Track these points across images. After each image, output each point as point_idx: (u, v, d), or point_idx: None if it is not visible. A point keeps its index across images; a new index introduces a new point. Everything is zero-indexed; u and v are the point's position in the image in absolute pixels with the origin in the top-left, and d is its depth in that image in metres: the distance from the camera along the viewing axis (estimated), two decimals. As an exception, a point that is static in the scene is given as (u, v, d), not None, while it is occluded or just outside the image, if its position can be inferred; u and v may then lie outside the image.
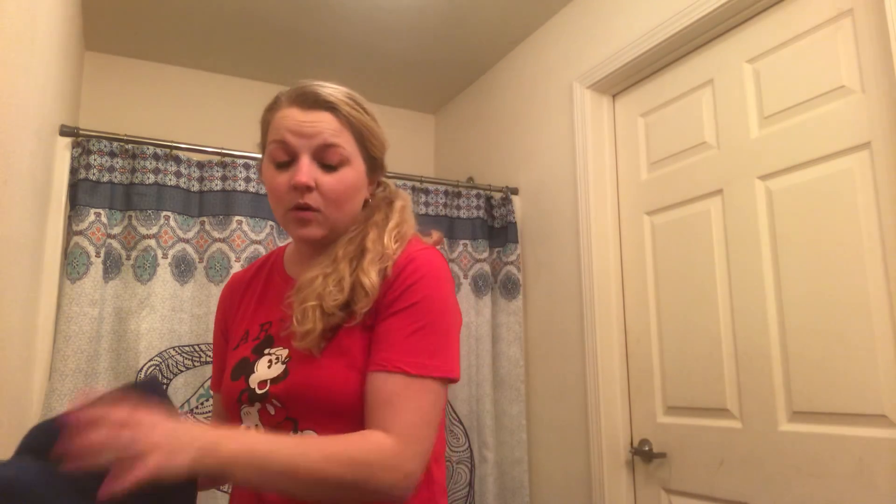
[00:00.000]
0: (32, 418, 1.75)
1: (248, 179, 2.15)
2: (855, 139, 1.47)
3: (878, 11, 1.43)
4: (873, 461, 1.37)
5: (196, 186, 2.11)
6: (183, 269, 2.03)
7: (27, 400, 1.70)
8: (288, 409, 0.88)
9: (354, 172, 0.95)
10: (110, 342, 1.91)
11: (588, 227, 2.13)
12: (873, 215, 1.43)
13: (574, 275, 2.19)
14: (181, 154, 2.10)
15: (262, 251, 2.11)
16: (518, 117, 2.60)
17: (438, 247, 1.00)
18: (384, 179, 1.06)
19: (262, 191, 2.18)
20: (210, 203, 2.11)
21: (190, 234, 2.07)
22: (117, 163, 2.00)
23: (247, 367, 0.94)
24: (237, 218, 2.09)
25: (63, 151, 1.92)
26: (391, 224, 0.96)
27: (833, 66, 1.53)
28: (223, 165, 2.14)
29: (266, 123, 0.98)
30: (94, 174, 1.94)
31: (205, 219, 2.10)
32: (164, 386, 1.94)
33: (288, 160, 0.93)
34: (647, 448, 1.92)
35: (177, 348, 1.97)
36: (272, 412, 0.90)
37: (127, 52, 2.67)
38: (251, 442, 0.79)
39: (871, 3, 1.46)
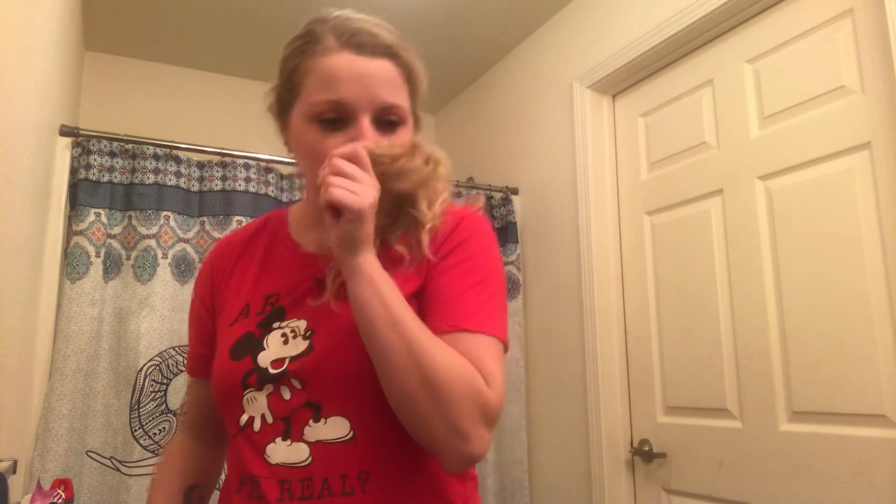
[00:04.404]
0: (32, 418, 1.75)
1: (248, 179, 2.15)
2: (855, 139, 1.47)
3: (878, 11, 1.42)
4: (873, 461, 1.37)
5: (196, 186, 2.11)
6: (183, 269, 2.03)
7: (27, 400, 1.70)
8: (310, 392, 0.75)
9: (408, 131, 0.82)
10: (110, 342, 1.91)
11: (588, 227, 2.13)
12: (873, 215, 1.43)
13: (574, 274, 2.19)
14: (181, 154, 2.10)
15: (262, 251, 2.11)
16: (518, 117, 2.59)
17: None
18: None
19: (262, 191, 2.18)
20: (210, 203, 2.11)
21: (190, 234, 2.07)
22: (117, 163, 2.00)
23: (253, 344, 0.80)
24: (237, 218, 2.09)
25: (63, 151, 1.92)
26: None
27: (833, 66, 1.53)
28: (223, 165, 2.14)
29: (297, 68, 0.80)
30: (94, 174, 1.94)
31: (205, 219, 2.10)
32: (164, 385, 1.94)
33: (339, 121, 0.77)
34: (647, 448, 1.92)
35: (177, 348, 1.97)
36: (287, 396, 0.76)
37: (127, 52, 2.67)
38: (390, 282, 0.70)
39: (871, 3, 1.46)
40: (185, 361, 1.98)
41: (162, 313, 1.96)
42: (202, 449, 0.96)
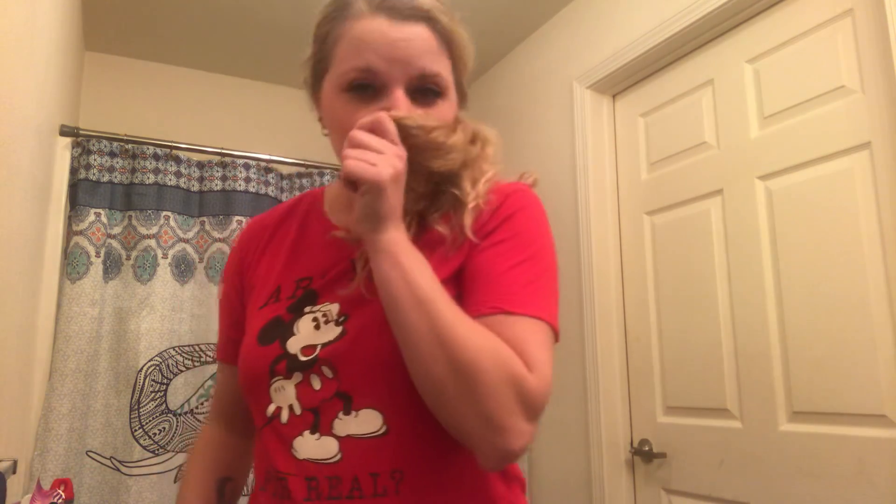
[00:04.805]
0: (33, 418, 1.75)
1: (248, 179, 2.15)
2: (855, 139, 1.47)
3: (878, 11, 1.42)
4: (873, 461, 1.37)
5: (196, 186, 2.12)
6: (183, 269, 2.03)
7: (27, 400, 1.70)
8: (341, 381, 0.69)
9: (450, 105, 0.76)
10: (110, 342, 1.91)
11: (588, 227, 2.13)
12: (873, 215, 1.43)
13: (574, 274, 2.19)
14: (181, 154, 2.10)
15: (262, 251, 2.11)
16: (518, 117, 2.59)
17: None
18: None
19: (262, 191, 2.18)
20: (210, 203, 2.11)
21: (190, 234, 2.07)
22: (117, 163, 2.00)
23: (282, 329, 0.74)
24: (237, 218, 2.10)
25: (63, 151, 1.92)
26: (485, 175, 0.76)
27: (833, 66, 1.53)
28: (223, 165, 2.14)
29: (328, 36, 0.75)
30: (94, 174, 1.94)
31: (205, 219, 2.10)
32: (164, 385, 1.94)
33: (371, 90, 0.71)
34: (647, 448, 1.92)
35: (177, 348, 1.97)
36: (317, 386, 0.70)
37: (127, 52, 2.67)
38: (418, 255, 0.65)
39: (871, 3, 1.46)
40: (186, 361, 1.99)
41: (162, 313, 1.96)
42: (233, 439, 0.91)
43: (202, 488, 0.87)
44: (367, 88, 0.71)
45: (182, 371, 1.97)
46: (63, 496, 1.41)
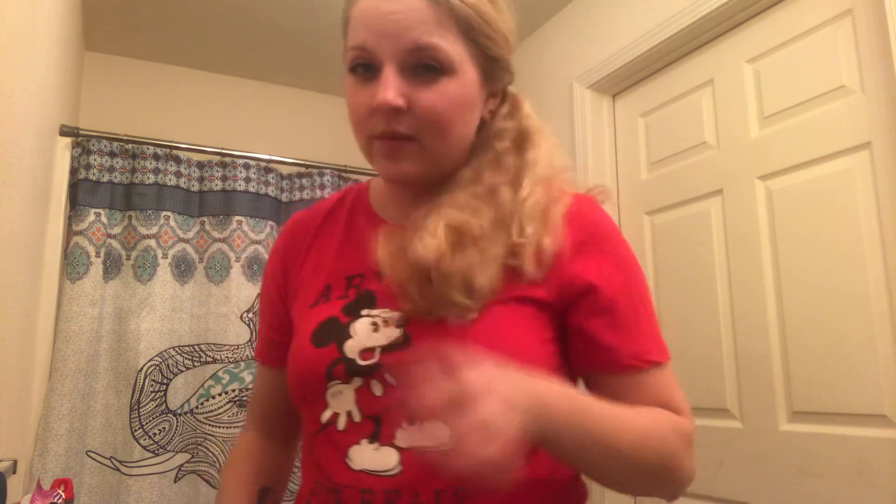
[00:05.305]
0: (33, 418, 1.75)
1: (247, 179, 2.15)
2: (855, 139, 1.47)
3: (878, 11, 1.42)
4: (873, 461, 1.37)
5: (196, 186, 2.12)
6: (183, 269, 2.03)
7: (27, 400, 1.70)
8: (406, 390, 0.64)
9: (460, 83, 0.69)
10: (110, 342, 1.91)
11: (588, 227, 2.13)
12: (873, 215, 1.42)
13: (574, 275, 2.18)
14: (181, 154, 2.10)
15: (263, 251, 2.11)
16: (518, 117, 2.59)
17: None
18: (512, 91, 0.82)
19: (262, 191, 2.18)
20: (210, 203, 2.11)
21: (190, 234, 2.07)
22: (117, 163, 2.00)
23: (338, 331, 0.70)
24: (237, 218, 2.10)
25: (63, 151, 1.92)
26: (536, 195, 0.72)
27: (833, 66, 1.53)
28: (223, 165, 2.14)
29: (345, 21, 0.73)
30: (94, 174, 1.95)
31: (205, 219, 2.10)
32: (164, 385, 1.94)
33: (371, 70, 0.68)
34: (647, 448, 1.92)
35: (177, 348, 1.97)
36: (379, 392, 0.66)
37: (127, 52, 2.67)
38: (580, 403, 0.61)
39: (871, 3, 1.45)
40: (186, 361, 1.99)
41: (162, 313, 1.96)
42: (272, 446, 0.87)
43: (242, 499, 0.82)
44: (368, 68, 0.68)
45: (182, 371, 1.97)
46: (63, 496, 1.41)
